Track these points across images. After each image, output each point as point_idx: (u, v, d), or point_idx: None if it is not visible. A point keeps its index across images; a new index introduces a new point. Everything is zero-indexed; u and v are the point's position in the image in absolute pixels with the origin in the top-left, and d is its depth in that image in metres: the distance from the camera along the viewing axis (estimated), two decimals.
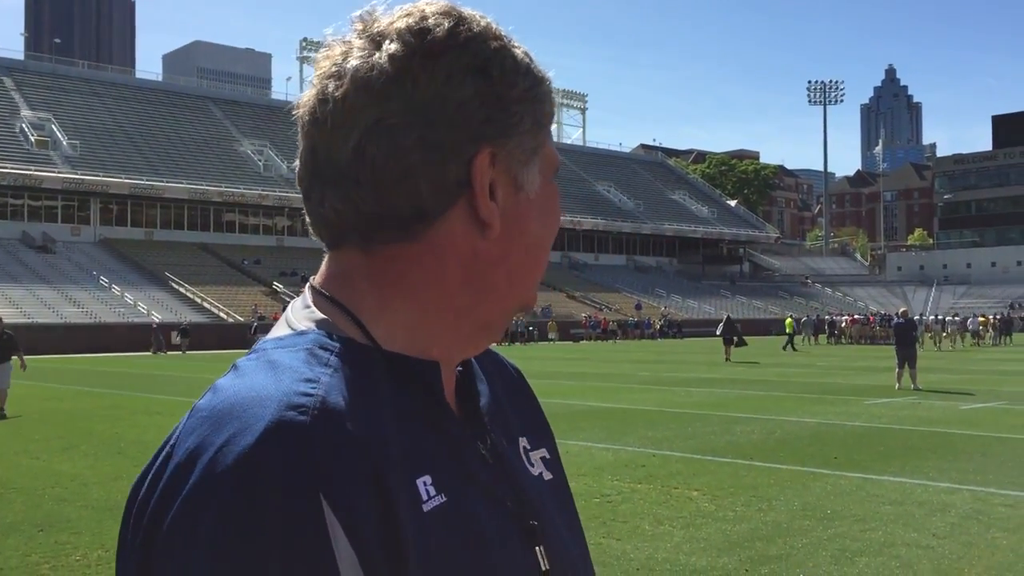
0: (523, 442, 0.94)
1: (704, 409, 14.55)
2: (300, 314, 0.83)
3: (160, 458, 0.72)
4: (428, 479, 0.75)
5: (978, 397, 17.05)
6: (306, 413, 0.70)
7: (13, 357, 15.26)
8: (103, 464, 9.83)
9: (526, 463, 0.92)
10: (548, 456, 0.96)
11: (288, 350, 0.77)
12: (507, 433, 0.91)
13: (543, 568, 0.83)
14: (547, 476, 0.94)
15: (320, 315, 0.81)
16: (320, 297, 0.83)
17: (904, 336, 19.25)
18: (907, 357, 18.86)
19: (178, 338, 41.33)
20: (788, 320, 42.24)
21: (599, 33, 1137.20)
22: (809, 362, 30.27)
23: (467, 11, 0.81)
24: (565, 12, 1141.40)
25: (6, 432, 12.50)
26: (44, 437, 11.97)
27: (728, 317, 34.24)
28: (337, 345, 0.78)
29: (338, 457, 0.68)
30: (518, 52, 0.82)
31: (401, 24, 0.79)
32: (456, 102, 0.77)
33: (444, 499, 0.76)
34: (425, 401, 0.80)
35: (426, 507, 0.74)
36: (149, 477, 0.71)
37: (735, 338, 31.62)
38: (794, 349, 38.88)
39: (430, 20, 0.79)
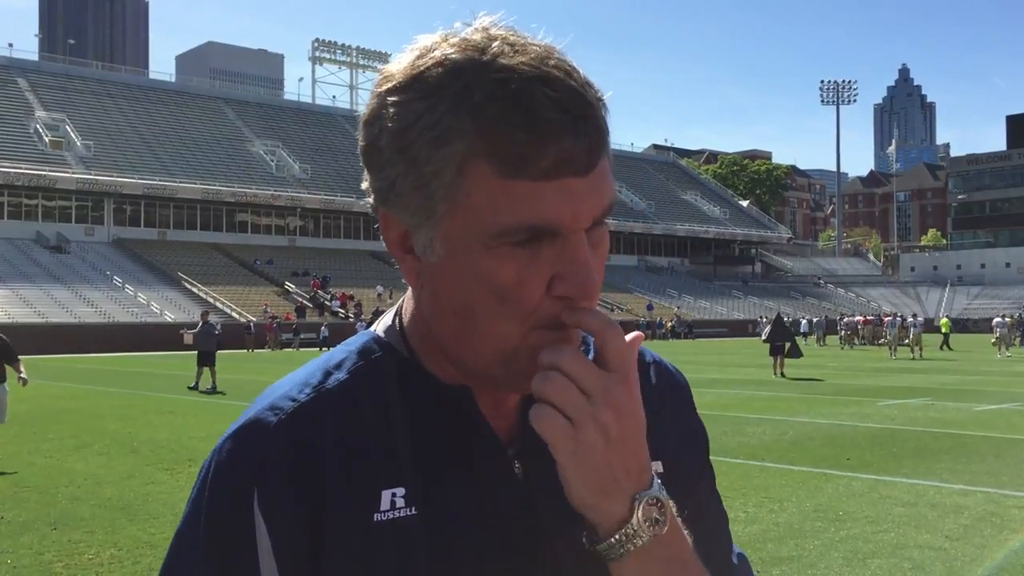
0: None
1: (715, 410, 14.50)
2: (387, 315, 0.89)
3: None
4: (401, 491, 0.79)
5: (992, 398, 16.93)
6: (279, 414, 0.79)
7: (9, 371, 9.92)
8: (116, 463, 9.87)
9: None
10: (660, 470, 0.86)
11: (344, 347, 0.86)
12: None
13: None
14: None
15: (390, 321, 0.88)
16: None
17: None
18: None
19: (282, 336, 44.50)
20: (944, 320, 41.87)
21: (604, 33, 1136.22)
22: (821, 363, 30.16)
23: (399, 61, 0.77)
24: (569, 11, 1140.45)
25: (20, 431, 12.56)
26: (58, 436, 12.04)
27: (779, 316, 25.52)
28: (380, 352, 0.84)
29: (279, 457, 0.77)
30: (416, 107, 0.73)
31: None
32: (363, 159, 0.79)
33: (413, 512, 0.78)
34: (455, 418, 0.82)
35: (380, 516, 0.78)
36: None
37: (787, 345, 23.36)
38: (950, 348, 38.26)
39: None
